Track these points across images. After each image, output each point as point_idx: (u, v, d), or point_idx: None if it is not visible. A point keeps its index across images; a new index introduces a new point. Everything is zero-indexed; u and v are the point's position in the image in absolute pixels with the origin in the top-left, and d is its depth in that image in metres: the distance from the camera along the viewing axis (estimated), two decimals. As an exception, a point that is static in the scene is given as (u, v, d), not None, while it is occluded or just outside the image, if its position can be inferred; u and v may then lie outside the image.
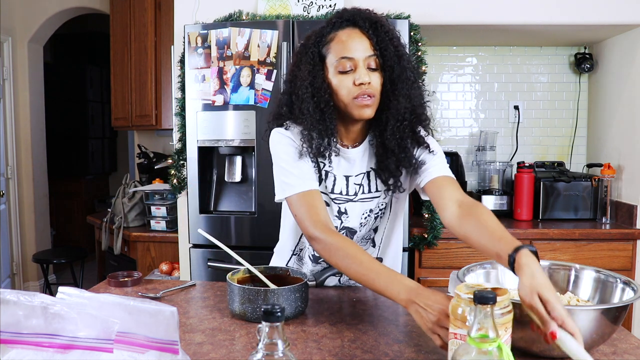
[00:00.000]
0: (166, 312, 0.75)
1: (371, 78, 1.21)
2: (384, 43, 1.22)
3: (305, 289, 1.21)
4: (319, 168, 1.31)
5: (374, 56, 1.22)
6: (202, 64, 2.30)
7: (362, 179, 1.34)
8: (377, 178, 1.34)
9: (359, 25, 1.23)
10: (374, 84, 1.22)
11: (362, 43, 1.22)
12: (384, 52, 1.22)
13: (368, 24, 1.23)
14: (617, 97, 2.84)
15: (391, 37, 1.23)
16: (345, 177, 1.33)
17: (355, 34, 1.23)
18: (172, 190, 2.63)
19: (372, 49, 1.22)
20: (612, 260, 2.50)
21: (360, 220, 1.36)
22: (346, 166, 1.33)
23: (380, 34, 1.22)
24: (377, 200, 1.36)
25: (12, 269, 4.18)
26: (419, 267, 2.54)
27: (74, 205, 5.64)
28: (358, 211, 1.34)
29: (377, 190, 1.34)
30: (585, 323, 0.93)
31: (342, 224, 1.36)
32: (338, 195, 1.33)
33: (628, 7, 2.51)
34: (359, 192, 1.34)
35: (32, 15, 4.20)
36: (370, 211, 1.36)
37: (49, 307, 0.75)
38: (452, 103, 3.23)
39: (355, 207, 1.34)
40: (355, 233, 1.38)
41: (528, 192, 2.73)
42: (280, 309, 0.71)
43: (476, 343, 0.72)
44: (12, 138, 4.13)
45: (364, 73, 1.20)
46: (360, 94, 1.21)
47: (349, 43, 1.22)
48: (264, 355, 0.71)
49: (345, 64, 1.21)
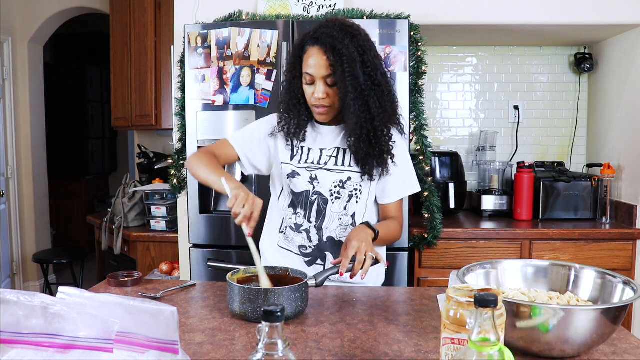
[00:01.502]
0: (166, 312, 0.75)
1: (329, 91, 1.41)
2: (338, 64, 1.37)
3: (305, 289, 1.21)
4: (292, 145, 1.54)
5: (330, 75, 1.39)
6: (202, 64, 2.30)
7: (333, 152, 1.52)
8: (350, 157, 1.50)
9: (322, 44, 1.39)
10: (330, 97, 1.42)
11: (320, 62, 1.39)
12: (337, 72, 1.37)
13: (329, 45, 1.38)
14: (617, 97, 2.84)
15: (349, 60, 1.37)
16: (320, 149, 1.53)
17: (317, 53, 1.40)
18: (172, 190, 2.63)
19: (328, 69, 1.39)
20: (612, 260, 2.50)
21: (330, 188, 1.51)
22: (321, 140, 1.54)
23: (337, 56, 1.37)
24: (349, 175, 1.50)
25: (12, 269, 4.18)
26: (419, 267, 2.54)
27: (74, 205, 5.64)
28: (328, 179, 1.51)
29: (350, 166, 1.50)
30: (585, 323, 0.93)
31: (314, 189, 1.52)
32: (310, 165, 1.52)
33: (628, 7, 2.52)
34: (329, 162, 1.51)
35: (32, 15, 4.20)
36: (342, 182, 1.50)
37: (49, 307, 0.75)
38: (452, 103, 3.23)
39: (325, 175, 1.51)
40: (327, 203, 1.51)
41: (528, 192, 2.73)
42: (280, 309, 0.71)
43: (477, 347, 0.72)
44: (12, 138, 4.13)
45: (320, 89, 1.41)
46: (315, 105, 1.45)
47: (310, 61, 1.41)
48: (264, 355, 0.71)
49: (307, 78, 1.43)
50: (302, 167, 1.52)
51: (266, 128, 1.58)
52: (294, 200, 1.54)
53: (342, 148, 1.52)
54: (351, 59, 1.37)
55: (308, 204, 1.52)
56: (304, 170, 1.52)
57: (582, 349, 0.97)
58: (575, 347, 0.96)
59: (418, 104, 2.35)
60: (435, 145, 3.11)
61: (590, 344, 0.96)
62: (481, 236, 2.52)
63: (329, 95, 1.42)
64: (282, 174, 1.55)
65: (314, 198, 1.52)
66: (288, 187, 1.55)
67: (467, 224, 2.63)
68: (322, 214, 1.52)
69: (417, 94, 2.34)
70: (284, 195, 1.59)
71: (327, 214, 1.52)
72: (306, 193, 1.52)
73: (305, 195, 1.52)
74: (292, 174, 1.53)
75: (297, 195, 1.53)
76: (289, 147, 1.55)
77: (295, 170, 1.53)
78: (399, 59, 2.21)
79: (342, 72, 1.37)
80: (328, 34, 1.38)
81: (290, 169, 1.53)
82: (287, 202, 1.56)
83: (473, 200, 3.04)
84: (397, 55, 2.22)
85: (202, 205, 2.37)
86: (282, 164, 1.54)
